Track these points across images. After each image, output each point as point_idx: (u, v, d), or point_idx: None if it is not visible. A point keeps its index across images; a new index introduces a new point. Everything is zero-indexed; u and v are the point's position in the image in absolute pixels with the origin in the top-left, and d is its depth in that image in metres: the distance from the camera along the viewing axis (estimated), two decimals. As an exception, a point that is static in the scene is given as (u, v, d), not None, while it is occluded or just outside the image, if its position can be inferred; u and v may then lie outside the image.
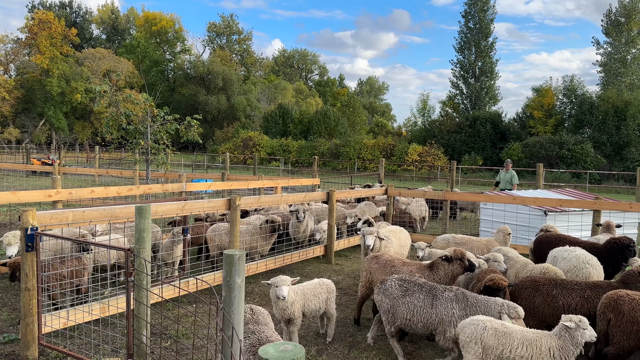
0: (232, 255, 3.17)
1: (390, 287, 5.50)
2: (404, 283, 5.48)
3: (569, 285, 5.54)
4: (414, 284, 5.45)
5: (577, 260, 6.45)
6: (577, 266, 6.40)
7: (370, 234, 7.46)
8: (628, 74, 48.44)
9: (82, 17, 72.46)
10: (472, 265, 6.08)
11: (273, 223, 9.07)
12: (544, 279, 5.72)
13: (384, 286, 5.57)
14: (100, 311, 5.84)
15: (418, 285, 5.42)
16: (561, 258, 6.62)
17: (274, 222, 9.07)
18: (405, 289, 5.41)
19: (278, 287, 5.24)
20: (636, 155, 36.91)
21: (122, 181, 23.06)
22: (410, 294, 5.36)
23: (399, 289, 5.44)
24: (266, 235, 9.04)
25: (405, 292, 5.39)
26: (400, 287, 5.45)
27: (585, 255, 6.53)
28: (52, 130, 57.93)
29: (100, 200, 12.30)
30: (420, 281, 5.49)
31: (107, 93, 13.86)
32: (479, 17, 53.60)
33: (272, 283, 5.33)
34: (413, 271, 6.23)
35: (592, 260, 6.47)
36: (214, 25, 78.37)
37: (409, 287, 5.42)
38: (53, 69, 53.21)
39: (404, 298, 5.36)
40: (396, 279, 5.57)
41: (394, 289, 5.46)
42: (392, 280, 5.56)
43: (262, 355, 1.61)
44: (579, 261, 6.43)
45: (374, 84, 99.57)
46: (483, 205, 12.83)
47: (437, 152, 42.65)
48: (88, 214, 5.98)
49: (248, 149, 48.81)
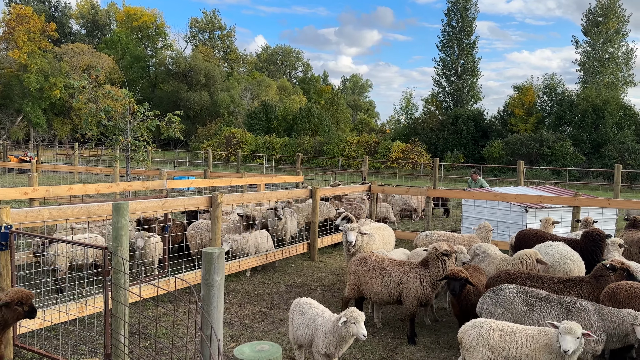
0: (211, 253, 3.12)
1: (511, 299, 4.99)
2: (528, 297, 4.99)
3: (541, 279, 5.67)
4: (539, 297, 4.98)
5: (559, 255, 6.53)
6: (558, 261, 6.48)
7: (352, 230, 7.40)
8: (606, 73, 49.25)
9: (60, 11, 71.21)
10: None
11: (248, 218, 8.98)
12: (518, 272, 5.84)
13: (503, 297, 5.03)
14: (77, 311, 5.72)
15: (544, 298, 4.96)
16: (544, 254, 6.69)
17: (248, 216, 8.98)
18: (531, 304, 4.93)
19: (356, 323, 4.46)
20: (614, 152, 37.56)
21: (101, 178, 22.73)
22: (538, 309, 4.88)
23: (523, 303, 4.95)
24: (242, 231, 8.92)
25: (532, 307, 4.91)
26: (524, 301, 4.96)
27: (568, 251, 6.61)
28: (30, 126, 56.80)
29: (78, 198, 12.08)
30: (543, 293, 5.05)
31: (86, 89, 13.60)
32: (461, 15, 53.96)
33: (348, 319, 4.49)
34: (406, 271, 6.12)
35: (574, 256, 6.55)
36: (196, 21, 77.71)
37: (534, 301, 4.94)
38: (31, 64, 52.14)
39: (532, 314, 4.86)
40: (515, 289, 5.08)
41: (517, 303, 4.96)
42: (512, 292, 5.05)
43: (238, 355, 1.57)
44: (560, 257, 6.52)
45: (358, 81, 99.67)
46: (465, 202, 12.92)
47: (420, 150, 42.90)
48: (65, 212, 5.85)
49: (231, 146, 48.50)
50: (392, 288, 6.12)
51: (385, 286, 6.14)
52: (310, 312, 4.90)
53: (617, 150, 37.64)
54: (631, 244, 7.98)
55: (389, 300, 6.21)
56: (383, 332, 6.44)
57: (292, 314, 5.08)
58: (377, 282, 6.20)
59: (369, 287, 6.25)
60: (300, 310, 5.00)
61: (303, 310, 4.97)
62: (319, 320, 4.76)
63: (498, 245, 8.50)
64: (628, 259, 7.34)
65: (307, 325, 4.81)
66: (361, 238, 7.47)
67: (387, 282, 6.15)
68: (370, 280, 6.25)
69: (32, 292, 4.50)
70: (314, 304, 5.04)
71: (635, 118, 41.85)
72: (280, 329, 6.43)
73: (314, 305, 5.00)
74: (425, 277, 6.03)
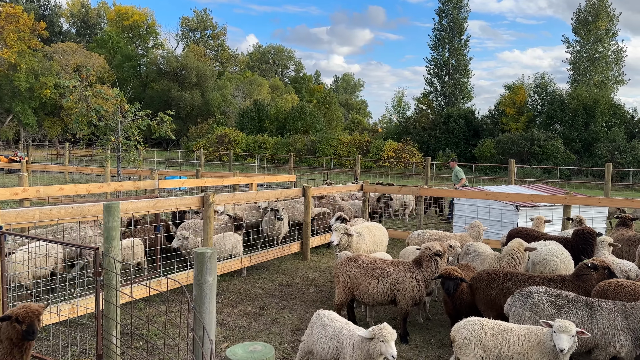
0: (203, 253, 3.11)
1: (540, 302, 4.95)
2: (556, 299, 4.96)
3: (522, 277, 5.73)
4: (567, 299, 4.95)
5: (547, 253, 6.59)
6: (545, 259, 6.54)
7: (336, 231, 7.25)
8: (596, 72, 49.59)
9: (50, 10, 70.58)
10: None
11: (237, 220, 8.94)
12: (499, 271, 5.88)
13: (532, 300, 4.99)
14: (68, 312, 5.68)
15: (571, 300, 4.94)
16: (533, 252, 6.74)
17: (237, 218, 8.94)
18: (559, 306, 4.90)
19: (385, 342, 4.20)
20: (604, 151, 37.86)
21: (92, 178, 22.58)
22: (565, 311, 4.85)
23: (551, 305, 4.92)
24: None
25: (560, 309, 4.89)
26: (552, 303, 4.94)
27: (556, 250, 6.66)
28: (20, 126, 56.30)
29: (69, 198, 12.00)
30: (571, 295, 5.02)
31: (76, 88, 13.50)
32: (453, 14, 54.12)
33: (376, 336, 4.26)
34: (402, 271, 6.10)
35: (562, 255, 6.61)
36: (187, 20, 77.39)
37: (562, 303, 4.92)
38: (21, 63, 51.65)
39: (559, 316, 4.82)
40: (544, 292, 5.03)
41: (545, 306, 4.92)
42: (541, 295, 5.01)
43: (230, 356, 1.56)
44: (548, 254, 6.58)
45: (350, 80, 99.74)
46: (457, 200, 12.98)
47: (412, 149, 43.02)
48: (56, 212, 5.81)
49: (223, 145, 48.35)
50: (388, 289, 6.06)
51: (381, 287, 6.06)
52: (332, 325, 4.68)
53: (607, 148, 37.94)
54: (621, 242, 8.06)
55: (383, 301, 6.15)
56: (376, 331, 6.44)
57: (312, 327, 4.88)
58: (372, 282, 6.09)
59: (363, 288, 6.12)
60: (321, 322, 4.79)
61: (324, 323, 4.76)
62: (345, 333, 4.54)
63: (490, 243, 8.55)
64: (618, 257, 7.42)
65: (331, 339, 4.60)
66: (347, 239, 7.29)
67: (383, 282, 6.06)
68: (364, 282, 6.12)
69: (39, 309, 4.03)
70: (336, 317, 4.85)
71: (625, 117, 42.22)
72: (273, 328, 6.43)
73: (336, 319, 4.81)
74: (420, 276, 6.05)
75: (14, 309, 4.00)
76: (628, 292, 5.25)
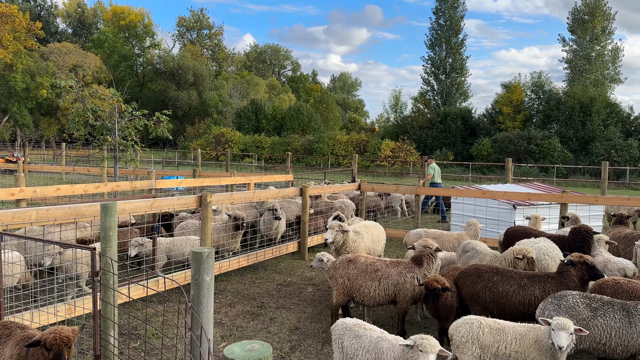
0: (201, 252, 3.11)
1: (575, 305, 4.79)
2: (591, 301, 4.82)
3: (508, 273, 5.78)
4: (601, 301, 4.81)
5: (538, 251, 6.59)
6: (537, 258, 6.53)
7: (331, 228, 7.14)
8: (592, 71, 49.72)
9: (46, 10, 70.38)
10: None
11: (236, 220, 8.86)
12: (486, 267, 5.93)
13: (566, 303, 4.83)
14: (66, 312, 5.67)
15: (607, 303, 4.79)
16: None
17: (237, 218, 8.85)
18: (595, 309, 4.75)
19: (424, 353, 4.01)
20: (601, 150, 37.96)
21: (89, 179, 22.53)
22: (602, 315, 4.69)
23: (587, 308, 4.76)
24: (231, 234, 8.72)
25: (596, 312, 4.73)
26: (588, 306, 4.77)
27: (547, 247, 6.67)
28: (16, 126, 56.10)
29: (66, 199, 11.97)
30: (606, 298, 4.88)
31: (73, 88, 13.47)
32: (450, 14, 54.17)
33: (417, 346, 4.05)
34: (402, 272, 6.06)
35: (553, 253, 6.62)
36: (183, 20, 77.30)
37: (598, 306, 4.77)
38: (17, 63, 51.46)
39: (596, 320, 4.70)
40: (578, 295, 4.90)
41: (581, 309, 4.76)
42: (575, 297, 4.86)
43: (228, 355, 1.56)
44: (539, 252, 6.58)
45: (347, 80, 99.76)
46: (454, 199, 12.99)
47: (409, 148, 43.05)
48: (52, 213, 5.80)
49: (220, 145, 48.30)
50: (390, 290, 6.02)
51: (383, 289, 6.01)
52: (368, 335, 4.42)
53: (604, 147, 38.05)
54: (618, 240, 8.08)
55: (384, 302, 6.11)
56: (373, 330, 6.45)
57: (340, 339, 4.56)
58: (373, 285, 6.02)
59: (364, 290, 6.04)
60: (354, 334, 4.49)
61: (358, 333, 4.47)
62: (384, 344, 4.29)
63: (487, 242, 8.56)
64: (615, 254, 7.45)
65: (369, 350, 4.33)
66: (342, 236, 7.17)
67: (384, 284, 6.00)
68: (365, 283, 6.03)
69: (70, 335, 3.77)
70: (367, 325, 4.58)
71: (622, 115, 42.34)
72: (271, 328, 6.42)
73: (368, 327, 4.53)
74: (421, 275, 6.03)
75: (45, 332, 3.77)
76: (625, 290, 5.26)
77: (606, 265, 6.62)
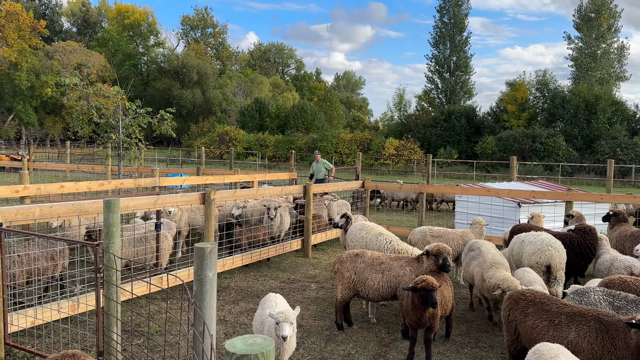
0: (203, 248, 3.09)
1: (597, 302, 4.63)
2: (615, 299, 4.64)
3: None
4: (626, 300, 4.63)
5: (541, 243, 6.55)
6: (540, 249, 6.50)
7: (338, 214, 7.43)
8: (598, 69, 49.45)
9: (51, 9, 70.54)
10: (444, 265, 5.84)
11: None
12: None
13: (588, 300, 4.66)
14: (69, 309, 5.66)
15: (631, 301, 4.61)
16: (527, 242, 6.74)
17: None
18: (618, 307, 4.58)
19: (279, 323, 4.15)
20: (606, 148, 37.77)
21: (93, 176, 22.58)
22: (624, 313, 4.50)
23: (609, 306, 4.59)
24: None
25: (618, 310, 4.56)
26: (610, 304, 4.61)
27: (550, 239, 6.62)
28: (21, 125, 56.32)
29: (70, 196, 11.98)
30: (631, 296, 4.69)
31: (77, 86, 13.47)
32: (454, 11, 53.98)
33: None
34: (403, 265, 6.12)
35: (556, 244, 6.57)
36: (187, 18, 77.27)
37: (621, 304, 4.60)
38: (22, 62, 51.64)
39: None
40: (601, 292, 4.72)
41: (603, 306, 4.61)
42: (598, 294, 4.71)
43: (229, 349, 1.54)
44: (542, 244, 6.54)
45: (351, 78, 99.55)
46: (458, 197, 12.95)
47: (413, 146, 42.96)
48: (56, 209, 5.79)
49: (224, 143, 48.33)
50: (392, 282, 6.06)
51: (386, 280, 6.06)
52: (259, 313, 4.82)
53: (609, 145, 37.85)
54: (624, 238, 8.03)
55: (387, 295, 6.13)
56: (377, 327, 6.42)
57: None
58: (377, 277, 6.08)
59: (369, 283, 6.09)
60: None
61: None
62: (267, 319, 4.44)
63: (492, 240, 8.53)
64: (622, 252, 7.40)
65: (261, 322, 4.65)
66: (346, 222, 7.82)
67: (387, 276, 6.07)
68: (370, 276, 6.09)
69: None
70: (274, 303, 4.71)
71: (627, 113, 42.12)
72: (275, 325, 6.40)
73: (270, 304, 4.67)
74: (419, 271, 6.01)
75: (57, 355, 3.57)
76: (632, 289, 5.21)
77: (612, 264, 6.58)
